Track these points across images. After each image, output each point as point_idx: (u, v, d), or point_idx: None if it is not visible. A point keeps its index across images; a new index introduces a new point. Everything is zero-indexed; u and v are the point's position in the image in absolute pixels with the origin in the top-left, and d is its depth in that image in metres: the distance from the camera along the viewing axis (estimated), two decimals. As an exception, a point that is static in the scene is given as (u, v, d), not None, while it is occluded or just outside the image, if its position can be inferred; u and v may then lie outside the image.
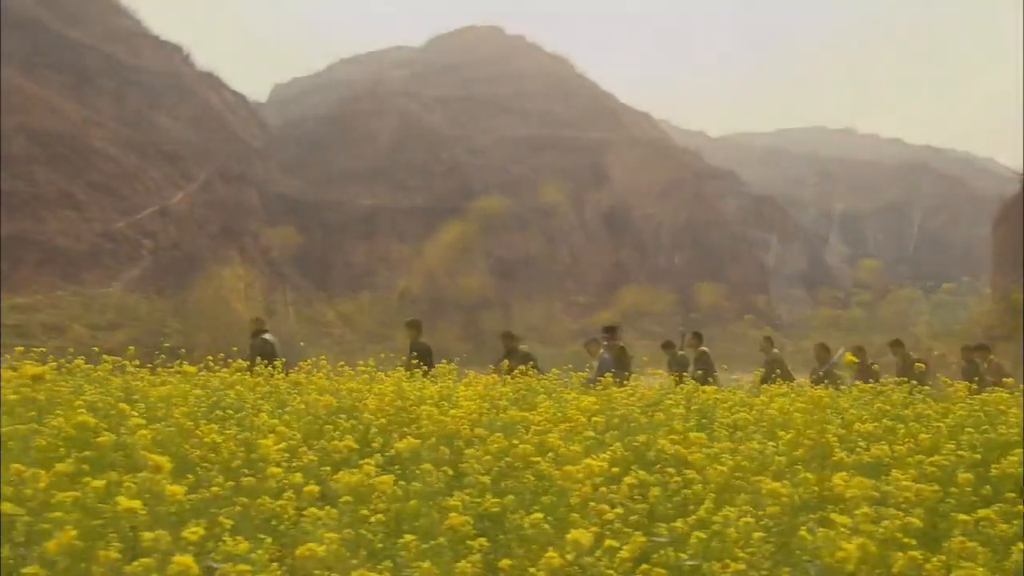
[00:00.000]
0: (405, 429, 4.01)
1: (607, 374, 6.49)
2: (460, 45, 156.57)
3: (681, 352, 12.18)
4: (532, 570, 2.32)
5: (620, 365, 9.98)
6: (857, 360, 10.81)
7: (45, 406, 4.50)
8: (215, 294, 65.06)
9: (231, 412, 4.63)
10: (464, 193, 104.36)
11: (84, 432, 3.47)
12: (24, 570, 2.05)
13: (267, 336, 11.03)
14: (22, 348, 8.35)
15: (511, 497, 2.91)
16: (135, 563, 2.02)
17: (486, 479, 3.15)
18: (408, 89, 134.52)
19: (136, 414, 3.63)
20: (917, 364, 11.47)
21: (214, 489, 3.22)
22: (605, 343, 11.71)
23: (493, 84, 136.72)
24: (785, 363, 11.91)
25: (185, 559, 1.85)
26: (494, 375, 6.88)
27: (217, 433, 3.89)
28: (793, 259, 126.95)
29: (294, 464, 3.50)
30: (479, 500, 2.96)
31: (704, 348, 12.65)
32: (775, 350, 12.48)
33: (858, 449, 3.42)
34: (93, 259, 59.89)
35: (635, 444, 3.77)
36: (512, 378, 6.50)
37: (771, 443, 3.56)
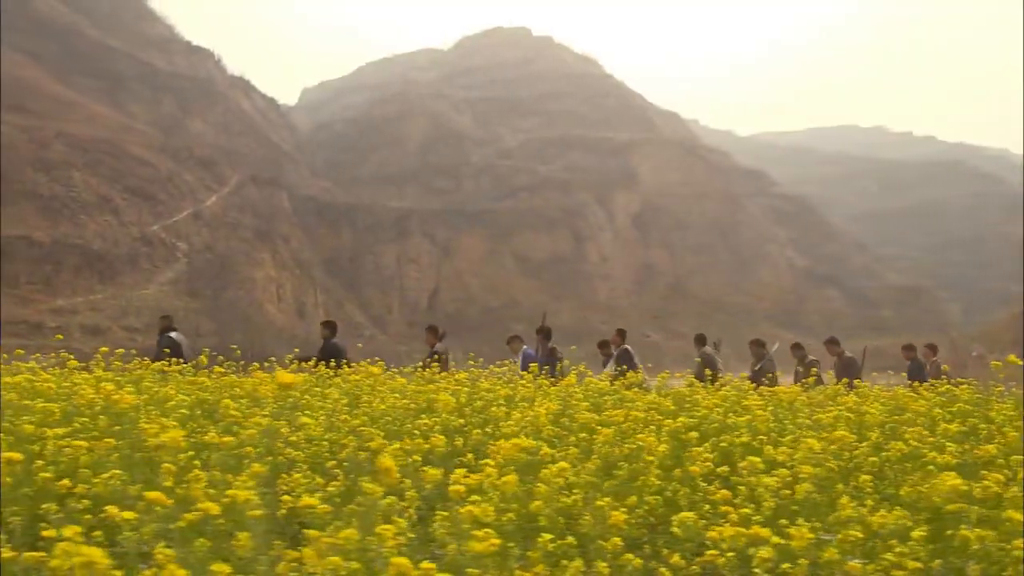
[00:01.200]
0: (488, 429, 4.12)
1: (532, 367, 6.78)
2: (488, 47, 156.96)
3: (707, 349, 12.30)
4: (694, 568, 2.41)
5: (550, 364, 10.36)
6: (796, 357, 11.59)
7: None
8: (247, 296, 65.94)
9: (311, 412, 4.77)
10: (493, 194, 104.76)
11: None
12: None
13: (173, 335, 11.29)
14: (64, 352, 8.65)
15: (658, 497, 2.96)
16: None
17: (651, 479, 3.10)
18: (436, 91, 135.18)
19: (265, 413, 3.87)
20: (943, 367, 11.45)
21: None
22: (540, 342, 11.90)
23: (521, 85, 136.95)
24: (716, 361, 11.85)
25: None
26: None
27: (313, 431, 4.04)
28: (823, 259, 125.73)
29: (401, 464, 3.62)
30: (648, 500, 2.98)
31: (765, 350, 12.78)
32: (707, 348, 12.39)
33: (948, 449, 3.42)
34: (130, 262, 61.01)
35: (723, 445, 3.77)
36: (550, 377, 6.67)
37: (863, 443, 3.57)
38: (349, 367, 7.25)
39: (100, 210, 64.09)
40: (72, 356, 8.13)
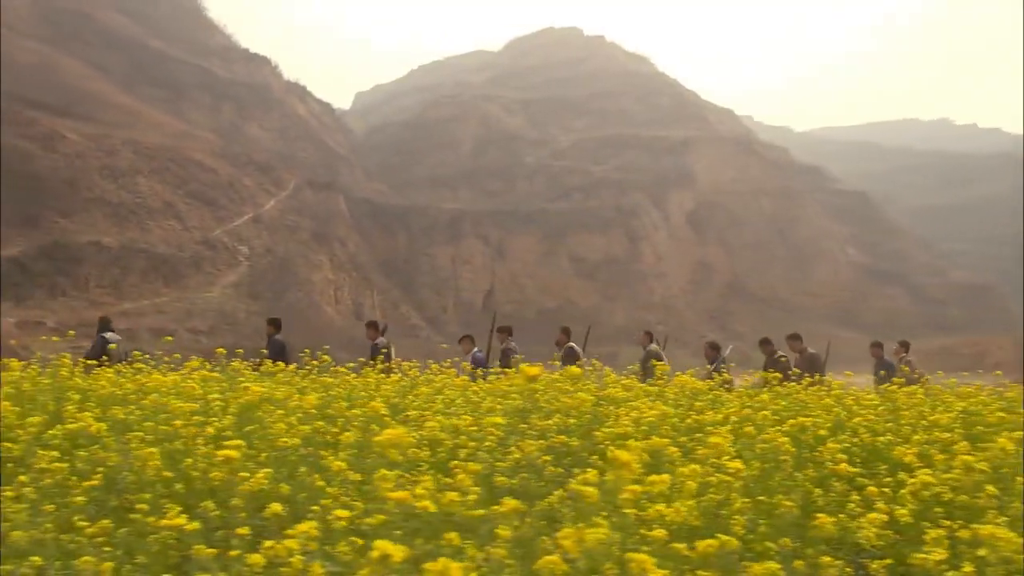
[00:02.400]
0: (607, 429, 4.11)
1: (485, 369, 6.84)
2: (539, 47, 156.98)
3: (781, 354, 12.18)
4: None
5: (505, 364, 10.58)
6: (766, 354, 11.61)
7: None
8: (306, 298, 66.99)
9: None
10: (546, 195, 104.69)
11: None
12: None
13: (107, 335, 11.78)
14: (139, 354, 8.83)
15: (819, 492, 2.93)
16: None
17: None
18: (488, 93, 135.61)
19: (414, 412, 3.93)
20: (915, 366, 11.23)
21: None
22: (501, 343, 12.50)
23: (573, 85, 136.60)
24: (662, 356, 12.08)
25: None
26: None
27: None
28: (885, 256, 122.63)
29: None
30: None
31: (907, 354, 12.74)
32: (653, 345, 12.66)
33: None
34: (194, 266, 62.51)
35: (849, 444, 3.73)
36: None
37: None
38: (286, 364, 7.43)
39: (165, 215, 65.79)
40: (168, 356, 8.38)
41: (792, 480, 3.02)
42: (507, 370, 7.51)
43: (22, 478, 3.06)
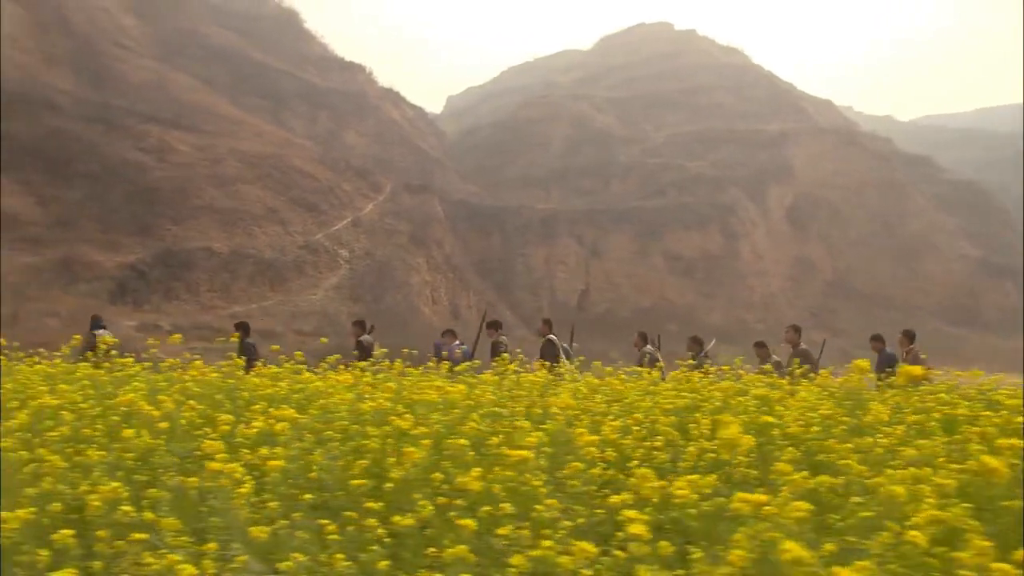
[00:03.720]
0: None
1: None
2: (629, 44, 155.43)
3: (777, 358, 12.30)
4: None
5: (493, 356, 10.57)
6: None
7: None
8: (405, 300, 68.04)
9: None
10: (640, 193, 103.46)
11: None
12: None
13: (97, 331, 12.22)
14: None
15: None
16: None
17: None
18: (579, 92, 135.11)
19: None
20: (922, 356, 11.17)
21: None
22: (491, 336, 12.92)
23: (665, 80, 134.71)
24: (658, 357, 12.20)
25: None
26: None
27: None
28: (999, 249, 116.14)
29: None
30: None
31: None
32: (648, 346, 12.73)
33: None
34: (297, 269, 64.34)
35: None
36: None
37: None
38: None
39: (269, 220, 67.93)
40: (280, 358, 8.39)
41: None
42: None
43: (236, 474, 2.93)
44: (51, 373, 6.05)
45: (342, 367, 7.39)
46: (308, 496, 2.83)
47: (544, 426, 3.81)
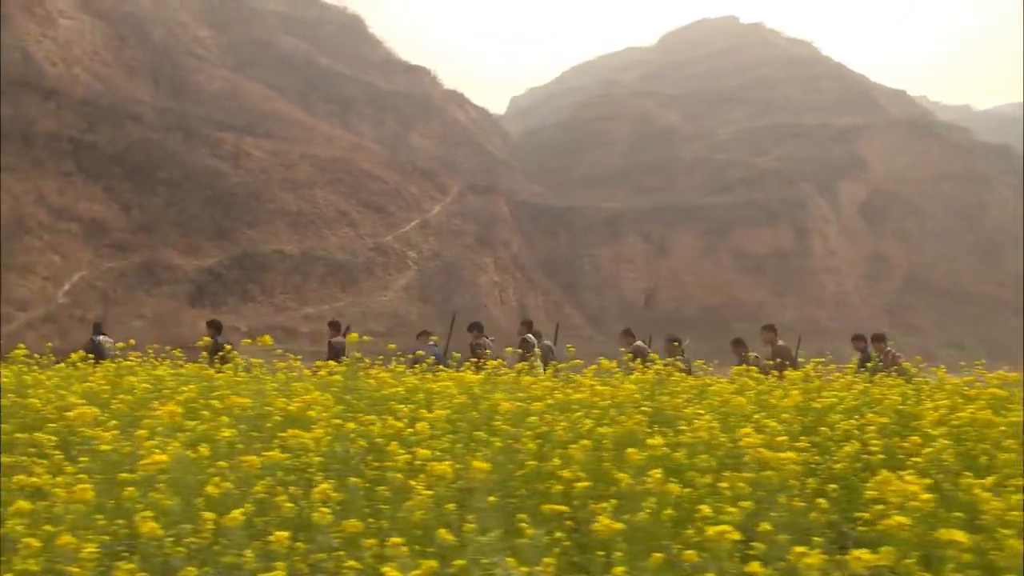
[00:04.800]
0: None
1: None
2: (694, 39, 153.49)
3: (755, 354, 11.98)
4: None
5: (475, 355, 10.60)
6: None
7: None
8: (473, 300, 68.50)
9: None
10: (706, 190, 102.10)
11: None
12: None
13: (98, 338, 12.63)
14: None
15: None
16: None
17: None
18: (642, 89, 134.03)
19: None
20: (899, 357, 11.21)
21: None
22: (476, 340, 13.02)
23: (731, 75, 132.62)
24: (647, 350, 12.11)
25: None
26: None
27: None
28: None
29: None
30: None
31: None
32: (638, 342, 12.77)
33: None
34: (367, 271, 65.48)
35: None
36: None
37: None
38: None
39: (339, 223, 69.27)
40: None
41: None
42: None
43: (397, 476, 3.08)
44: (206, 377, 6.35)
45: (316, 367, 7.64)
46: (492, 498, 2.93)
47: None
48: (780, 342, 12.25)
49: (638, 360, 10.62)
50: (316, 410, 3.92)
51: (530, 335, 13.43)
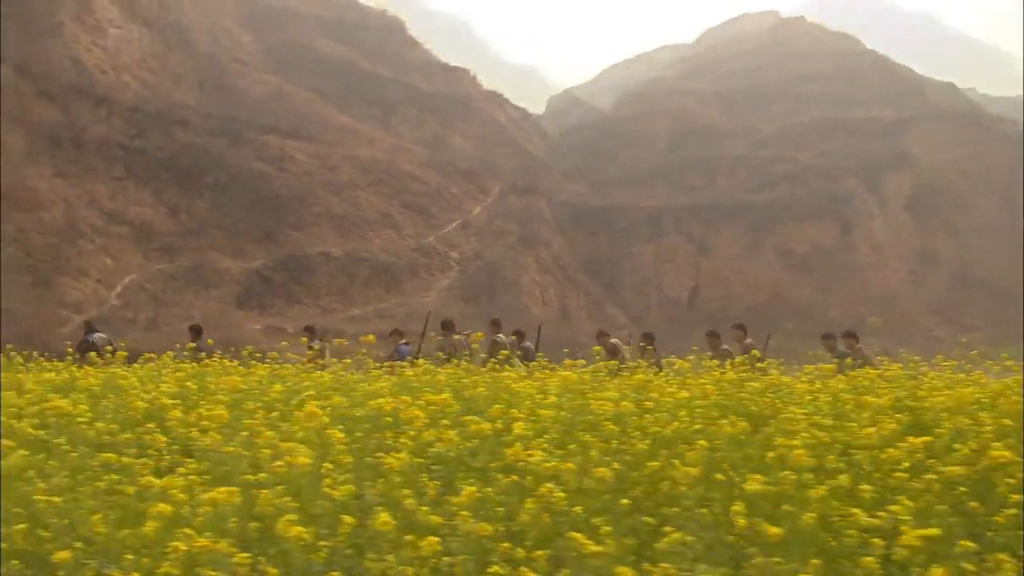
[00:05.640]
0: None
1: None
2: (734, 34, 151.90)
3: (726, 347, 12.64)
4: None
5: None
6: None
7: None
8: (516, 300, 68.54)
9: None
10: (749, 187, 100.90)
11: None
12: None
13: (91, 336, 13.22)
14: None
15: None
16: None
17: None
18: (682, 86, 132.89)
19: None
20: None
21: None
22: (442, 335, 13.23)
23: (773, 71, 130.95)
24: (621, 349, 12.85)
25: None
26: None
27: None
28: None
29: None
30: None
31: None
32: (613, 340, 13.24)
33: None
34: (410, 272, 65.90)
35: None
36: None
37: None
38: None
39: (382, 225, 69.81)
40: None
41: None
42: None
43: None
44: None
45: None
46: (625, 501, 2.91)
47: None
48: (748, 340, 12.98)
49: (618, 359, 11.13)
50: (421, 412, 3.93)
51: (501, 335, 13.63)
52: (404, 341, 14.40)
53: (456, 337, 13.44)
